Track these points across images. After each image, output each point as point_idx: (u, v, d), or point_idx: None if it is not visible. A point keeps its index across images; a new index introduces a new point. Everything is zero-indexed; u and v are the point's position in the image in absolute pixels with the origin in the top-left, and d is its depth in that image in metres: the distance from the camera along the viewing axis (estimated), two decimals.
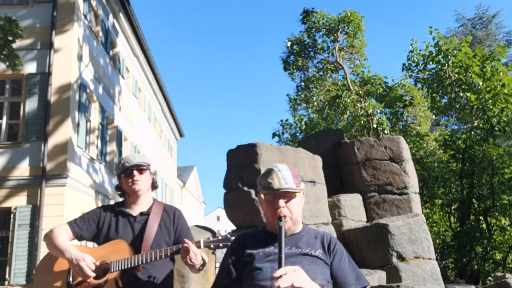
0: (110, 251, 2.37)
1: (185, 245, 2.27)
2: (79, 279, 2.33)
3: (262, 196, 1.94)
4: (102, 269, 2.33)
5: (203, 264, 2.38)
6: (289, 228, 1.91)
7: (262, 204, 1.97)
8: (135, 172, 2.52)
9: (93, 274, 2.29)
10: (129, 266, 2.31)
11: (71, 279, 2.35)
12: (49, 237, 2.43)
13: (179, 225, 2.58)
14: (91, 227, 2.51)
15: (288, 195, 1.89)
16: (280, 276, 1.60)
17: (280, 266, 1.68)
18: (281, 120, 16.38)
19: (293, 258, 1.85)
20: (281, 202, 1.87)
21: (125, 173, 2.54)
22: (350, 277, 1.91)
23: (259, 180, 1.97)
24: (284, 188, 1.87)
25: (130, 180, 2.52)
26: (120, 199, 2.68)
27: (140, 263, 2.32)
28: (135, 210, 2.55)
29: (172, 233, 2.55)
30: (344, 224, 6.27)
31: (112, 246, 2.39)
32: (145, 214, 2.54)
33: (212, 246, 2.29)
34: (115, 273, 2.31)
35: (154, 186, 2.66)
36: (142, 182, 2.54)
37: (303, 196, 1.99)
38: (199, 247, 2.29)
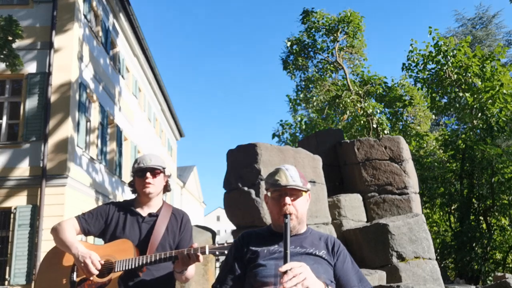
0: (115, 250, 2.36)
1: (194, 249, 2.26)
2: (83, 276, 2.32)
3: (269, 193, 1.96)
4: (106, 268, 2.33)
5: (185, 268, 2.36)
6: (294, 226, 1.92)
7: (268, 203, 1.99)
8: (149, 175, 2.51)
9: (98, 272, 2.29)
10: (133, 266, 2.31)
11: (75, 276, 2.34)
12: (56, 231, 2.41)
13: (185, 230, 2.58)
14: (99, 223, 2.50)
15: (295, 193, 1.91)
16: (286, 272, 1.60)
17: (285, 261, 1.69)
18: (281, 120, 16.38)
19: (297, 257, 1.85)
20: (288, 199, 1.89)
21: (139, 173, 2.53)
22: (353, 279, 1.92)
23: (266, 178, 1.99)
24: (291, 185, 1.89)
25: (142, 183, 2.51)
26: (127, 198, 2.68)
27: (144, 264, 2.31)
28: (144, 210, 2.55)
29: (177, 237, 2.54)
30: (344, 224, 6.27)
31: (118, 245, 2.39)
32: (154, 216, 2.53)
33: (217, 252, 2.29)
34: (119, 273, 2.31)
35: (166, 189, 2.66)
36: (154, 185, 2.52)
37: (308, 198, 2.01)
38: (204, 252, 2.28)
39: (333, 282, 1.88)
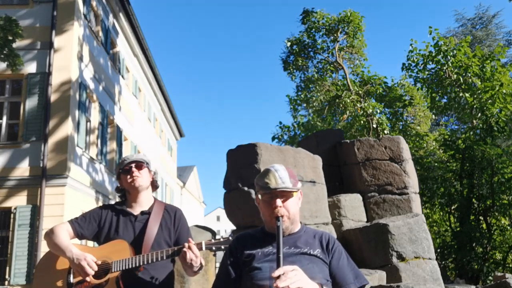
0: (111, 251, 2.36)
1: (189, 244, 2.27)
2: (80, 278, 2.32)
3: (260, 196, 1.95)
4: (102, 269, 2.33)
5: (201, 267, 2.37)
6: (287, 227, 1.91)
7: (259, 205, 1.98)
8: (134, 168, 2.53)
9: (93, 272, 2.29)
10: (130, 266, 2.30)
11: (71, 279, 2.34)
12: (50, 236, 2.41)
13: (180, 225, 2.57)
14: (92, 226, 2.50)
15: (285, 195, 1.90)
16: (279, 276, 1.60)
17: (278, 265, 1.68)
18: (280, 123, 16.39)
19: (292, 257, 1.85)
20: (278, 201, 1.88)
21: (124, 170, 2.54)
22: (349, 276, 1.91)
23: (256, 180, 1.98)
24: (280, 188, 1.88)
25: (129, 176, 2.52)
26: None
27: (141, 263, 2.31)
28: (136, 209, 2.54)
29: (172, 233, 2.53)
30: (344, 224, 6.27)
31: (113, 246, 2.39)
32: (146, 213, 2.53)
33: (213, 248, 2.28)
34: (116, 273, 2.31)
35: (154, 185, 2.66)
36: (141, 178, 2.53)
37: (300, 196, 2.00)
38: (200, 248, 2.28)
39: (329, 281, 1.86)
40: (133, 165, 2.54)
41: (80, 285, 2.32)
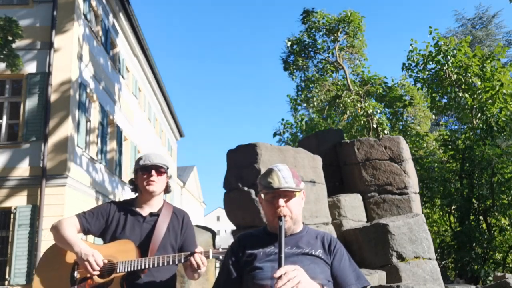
0: (117, 251, 2.35)
1: (197, 253, 2.27)
2: (84, 275, 2.31)
3: (262, 195, 1.95)
4: (107, 268, 2.32)
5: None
6: (289, 227, 1.91)
7: (262, 204, 1.98)
8: (154, 172, 2.49)
9: (99, 270, 2.28)
10: (136, 268, 2.29)
11: (76, 274, 2.33)
12: (57, 229, 2.39)
13: (187, 231, 2.57)
14: (100, 223, 2.48)
15: (288, 195, 1.90)
16: (280, 276, 1.60)
17: (280, 265, 1.68)
18: (282, 119, 16.33)
19: (294, 257, 1.85)
20: (281, 201, 1.88)
21: (144, 170, 2.51)
22: (350, 277, 1.91)
23: (259, 179, 1.97)
24: (283, 187, 1.87)
25: (146, 180, 2.49)
26: (127, 197, 2.66)
27: (146, 266, 2.30)
28: (145, 210, 2.53)
29: (179, 237, 2.53)
30: (344, 224, 6.27)
31: (119, 245, 2.37)
32: (155, 215, 2.52)
33: (220, 257, 2.29)
34: (121, 274, 2.30)
35: (167, 190, 2.65)
36: (158, 184, 2.51)
37: (303, 196, 2.00)
38: (207, 257, 2.29)
39: (330, 282, 1.86)
40: (153, 169, 2.50)
41: (84, 282, 2.30)
